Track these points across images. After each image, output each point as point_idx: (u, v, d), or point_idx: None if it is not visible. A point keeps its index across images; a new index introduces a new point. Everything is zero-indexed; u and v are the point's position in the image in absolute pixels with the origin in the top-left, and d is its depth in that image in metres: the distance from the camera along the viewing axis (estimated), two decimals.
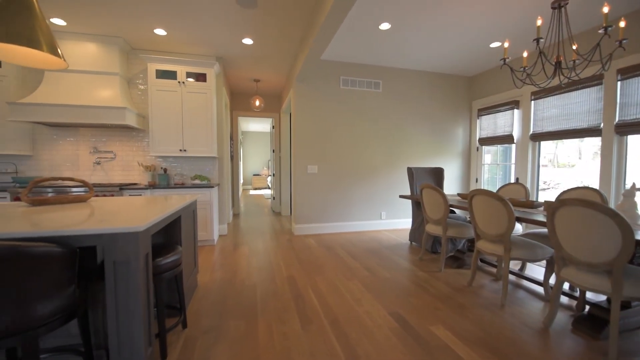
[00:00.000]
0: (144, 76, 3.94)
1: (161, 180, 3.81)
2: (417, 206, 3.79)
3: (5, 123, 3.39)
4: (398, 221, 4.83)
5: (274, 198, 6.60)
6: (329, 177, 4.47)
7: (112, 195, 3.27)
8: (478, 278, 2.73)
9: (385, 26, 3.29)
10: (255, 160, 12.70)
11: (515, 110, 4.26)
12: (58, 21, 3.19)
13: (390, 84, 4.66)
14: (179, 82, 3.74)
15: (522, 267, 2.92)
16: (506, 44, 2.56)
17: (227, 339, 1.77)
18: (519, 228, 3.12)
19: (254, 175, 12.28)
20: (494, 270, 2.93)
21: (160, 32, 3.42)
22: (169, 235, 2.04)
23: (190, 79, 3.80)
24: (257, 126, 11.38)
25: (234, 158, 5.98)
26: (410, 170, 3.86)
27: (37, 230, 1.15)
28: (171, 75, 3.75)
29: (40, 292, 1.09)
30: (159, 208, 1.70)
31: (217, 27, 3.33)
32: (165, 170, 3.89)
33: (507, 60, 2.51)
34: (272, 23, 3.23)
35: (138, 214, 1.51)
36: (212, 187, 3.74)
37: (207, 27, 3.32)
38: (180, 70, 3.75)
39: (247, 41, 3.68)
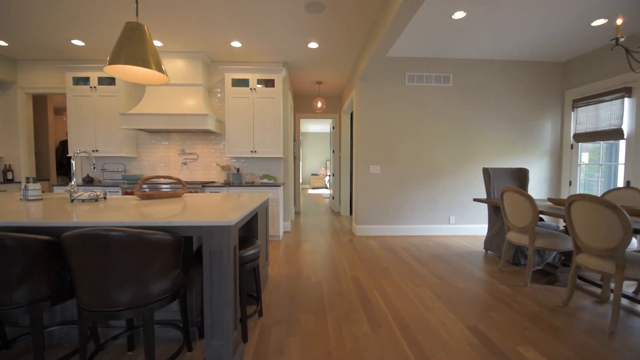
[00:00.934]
0: (221, 85, 4.37)
1: (234, 179, 4.18)
2: (496, 211, 3.41)
3: (118, 130, 4.12)
4: (469, 227, 4.43)
5: (333, 198, 6.68)
6: (392, 178, 4.34)
7: (197, 192, 3.71)
8: (576, 298, 2.33)
9: (459, 15, 3.05)
10: (313, 160, 13.08)
11: (627, 99, 3.52)
12: (157, 42, 3.75)
13: (462, 77, 4.30)
14: (250, 88, 4.05)
15: (638, 290, 2.40)
16: (619, 21, 2.13)
17: (298, 332, 1.85)
18: (634, 242, 2.57)
19: (312, 174, 12.63)
20: (598, 290, 2.47)
21: (236, 44, 3.75)
22: (248, 229, 2.22)
23: (260, 85, 4.08)
24: (315, 127, 11.68)
25: (296, 158, 6.24)
26: (486, 172, 3.50)
27: (153, 220, 1.36)
28: (244, 83, 4.09)
29: (155, 274, 1.29)
30: (243, 205, 1.86)
31: (285, 34, 3.50)
32: (238, 169, 4.26)
33: (620, 39, 2.09)
34: (337, 25, 3.27)
35: (226, 209, 1.68)
36: (279, 185, 3.96)
37: (276, 35, 3.52)
38: (252, 77, 4.06)
39: (313, 45, 3.79)
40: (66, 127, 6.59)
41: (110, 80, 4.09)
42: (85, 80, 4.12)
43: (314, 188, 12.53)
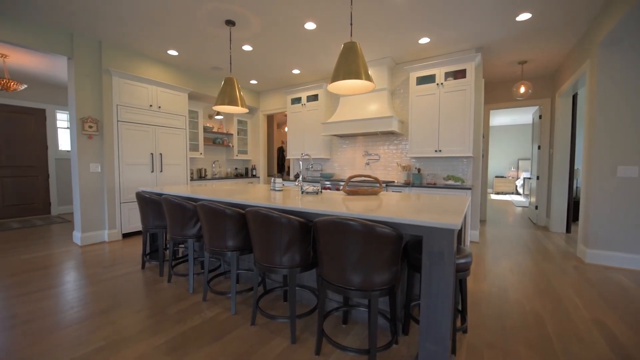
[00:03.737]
0: (404, 85, 4.40)
1: (415, 179, 4.09)
2: None
3: (319, 137, 5.02)
4: None
5: (536, 207, 5.25)
6: None
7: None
8: None
9: None
10: (498, 159, 10.90)
11: None
12: None
13: None
14: (437, 84, 3.83)
15: None
16: None
17: None
18: None
19: (497, 177, 10.56)
20: None
21: (424, 40, 3.64)
22: None
23: (449, 79, 3.77)
24: (504, 119, 9.69)
25: (483, 157, 5.38)
26: None
27: (377, 215, 1.47)
28: (429, 79, 3.91)
29: (379, 264, 1.39)
30: (455, 208, 1.73)
31: (482, 14, 3.03)
32: (419, 170, 4.15)
33: None
34: None
35: (431, 209, 1.60)
36: (468, 188, 3.51)
37: (472, 16, 3.11)
38: (439, 72, 3.81)
39: (524, 17, 3.07)
40: (282, 137, 8.84)
41: (314, 97, 5.05)
42: (298, 100, 5.30)
43: (497, 193, 10.47)
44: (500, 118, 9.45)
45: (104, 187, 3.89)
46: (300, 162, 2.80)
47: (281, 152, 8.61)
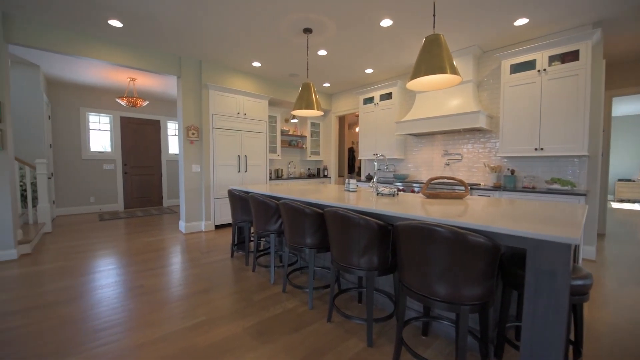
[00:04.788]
0: (494, 75, 3.90)
1: (507, 182, 3.58)
2: None
3: (392, 137, 4.84)
4: None
5: None
6: None
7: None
8: None
9: None
10: (622, 159, 8.71)
11: None
12: None
13: None
14: (538, 70, 3.27)
15: None
16: None
17: None
18: None
19: (619, 180, 8.46)
20: None
21: (521, 21, 3.16)
22: None
23: (554, 63, 3.18)
24: (630, 108, 7.71)
25: (603, 156, 4.37)
26: None
27: (468, 222, 1.34)
28: (528, 66, 3.37)
29: (469, 277, 1.26)
30: (564, 216, 1.45)
31: None
32: (512, 171, 3.61)
33: None
34: None
35: (533, 218, 1.37)
36: (580, 194, 2.89)
37: None
38: (541, 56, 3.25)
39: None
40: (352, 137, 8.85)
41: (388, 96, 4.90)
42: (371, 99, 5.22)
43: (621, 201, 8.38)
44: (625, 106, 7.54)
45: (202, 185, 4.55)
46: (375, 163, 2.75)
47: (351, 152, 8.63)
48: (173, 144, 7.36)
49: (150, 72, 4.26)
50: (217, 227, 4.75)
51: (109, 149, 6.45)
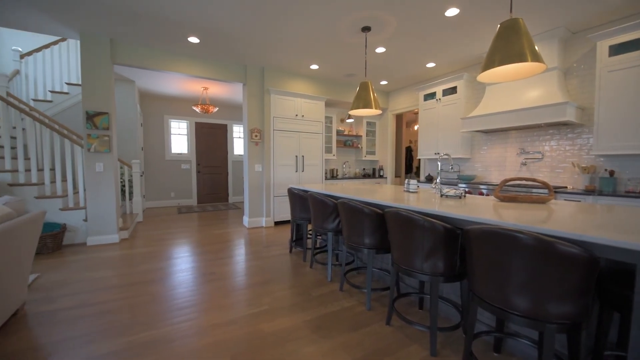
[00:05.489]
0: (586, 60, 3.33)
1: (604, 185, 3.02)
2: None
3: (456, 134, 4.49)
4: None
5: None
6: None
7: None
8: None
9: None
10: None
11: None
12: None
13: None
14: None
15: None
16: None
17: None
18: None
19: None
20: None
21: None
22: None
23: None
24: None
25: None
26: None
27: (556, 229, 1.17)
28: (633, 45, 2.78)
29: (557, 291, 1.10)
30: None
31: None
32: (611, 172, 3.04)
33: None
34: None
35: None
36: None
37: None
38: None
39: None
40: (410, 136, 8.47)
41: (452, 90, 4.55)
42: (432, 95, 4.92)
43: None
44: None
45: (263, 183, 4.85)
46: (438, 163, 2.59)
47: (409, 152, 8.26)
48: (238, 146, 8.00)
49: (220, 81, 4.70)
50: (276, 223, 5.01)
51: (185, 151, 7.33)
